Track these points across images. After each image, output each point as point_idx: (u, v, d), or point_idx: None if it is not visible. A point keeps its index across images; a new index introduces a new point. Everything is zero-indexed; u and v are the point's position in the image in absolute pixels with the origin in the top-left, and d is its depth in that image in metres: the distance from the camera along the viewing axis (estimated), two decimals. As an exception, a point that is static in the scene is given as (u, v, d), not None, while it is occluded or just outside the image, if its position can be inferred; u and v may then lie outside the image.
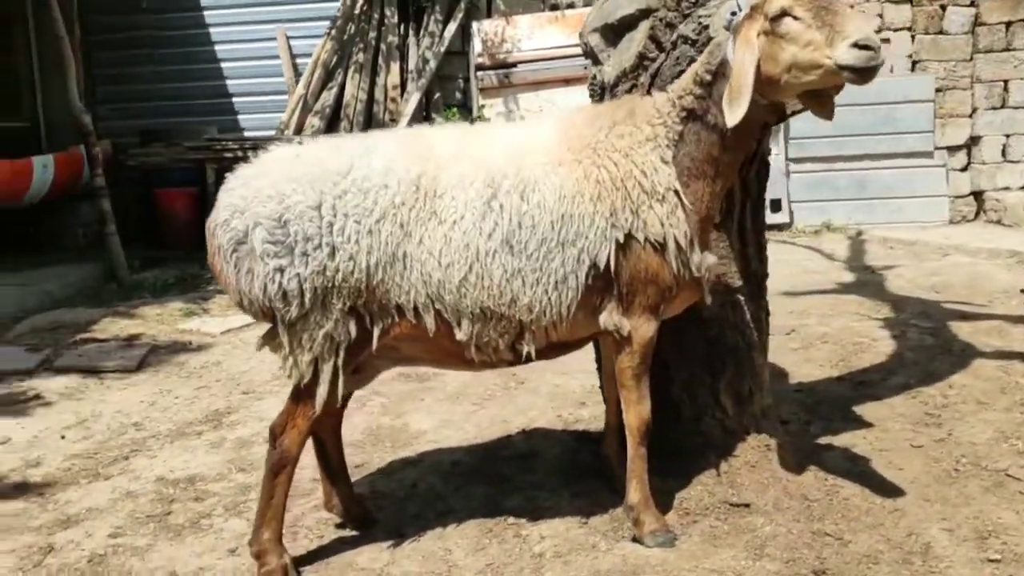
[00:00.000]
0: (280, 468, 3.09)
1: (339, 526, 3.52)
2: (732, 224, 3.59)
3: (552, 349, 3.17)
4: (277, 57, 11.82)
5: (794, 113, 3.34)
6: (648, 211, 2.99)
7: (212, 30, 12.39)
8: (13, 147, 10.23)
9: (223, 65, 12.35)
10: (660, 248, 3.01)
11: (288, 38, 11.86)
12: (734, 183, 3.50)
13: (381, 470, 4.07)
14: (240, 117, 12.32)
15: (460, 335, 2.99)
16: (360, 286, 2.90)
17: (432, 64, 10.82)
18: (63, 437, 4.73)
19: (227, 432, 4.69)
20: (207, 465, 4.24)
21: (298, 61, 11.80)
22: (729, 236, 3.59)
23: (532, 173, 2.96)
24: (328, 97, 10.89)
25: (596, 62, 3.67)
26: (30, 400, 5.34)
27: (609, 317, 3.06)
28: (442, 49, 10.88)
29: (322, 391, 2.98)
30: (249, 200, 2.89)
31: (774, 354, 5.40)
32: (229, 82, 12.37)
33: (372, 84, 10.80)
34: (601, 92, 3.65)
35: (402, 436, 4.51)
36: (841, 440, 4.03)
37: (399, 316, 2.98)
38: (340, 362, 2.98)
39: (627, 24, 3.49)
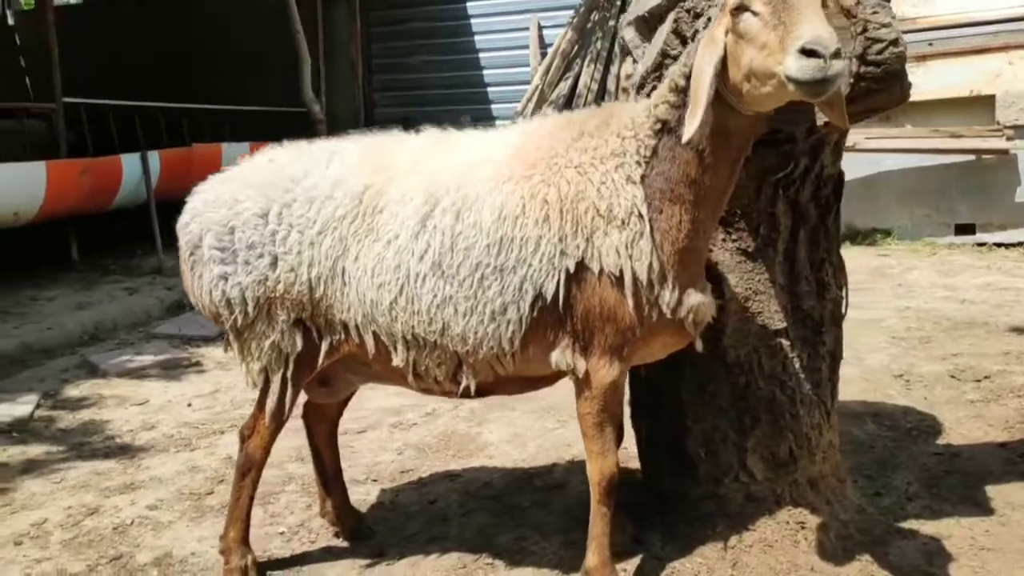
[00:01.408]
0: (246, 471, 3.11)
1: (336, 534, 3.48)
2: (774, 255, 3.00)
3: (509, 383, 2.86)
4: (527, 47, 11.98)
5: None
6: (603, 238, 2.57)
7: (473, 20, 12.86)
8: (298, 131, 11.40)
9: (480, 55, 12.78)
10: (619, 282, 2.58)
11: (540, 27, 11.97)
12: (777, 207, 2.92)
13: (419, 480, 3.98)
14: (493, 106, 12.69)
15: (396, 360, 2.79)
16: (303, 299, 2.81)
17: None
18: (189, 405, 5.17)
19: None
20: (276, 450, 4.39)
21: (546, 51, 11.88)
22: (769, 269, 3.00)
23: (475, 190, 2.67)
24: (564, 87, 10.84)
25: (635, 60, 3.23)
26: (189, 367, 5.91)
27: (562, 355, 2.69)
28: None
29: (271, 402, 2.94)
30: (207, 204, 2.91)
31: (944, 404, 4.55)
32: (485, 72, 12.79)
33: (605, 74, 10.56)
34: (637, 95, 3.21)
35: (467, 446, 4.37)
36: (936, 528, 3.25)
37: (345, 334, 2.85)
38: (289, 374, 2.91)
39: (658, 16, 3.02)
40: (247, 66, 13.24)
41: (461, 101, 12.80)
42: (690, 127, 2.34)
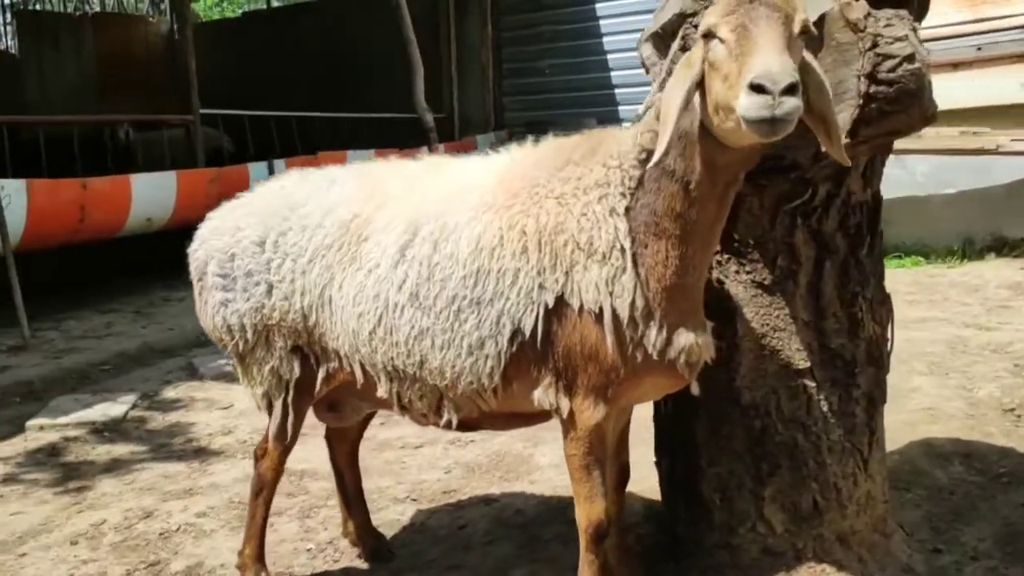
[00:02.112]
0: (259, 491, 3.17)
1: (359, 555, 3.49)
2: (795, 289, 2.75)
3: (497, 419, 2.76)
4: (655, 47, 11.69)
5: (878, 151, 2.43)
6: (583, 272, 2.43)
7: (602, 22, 12.71)
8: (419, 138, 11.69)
9: (608, 56, 12.61)
10: (599, 319, 2.43)
11: (668, 27, 11.66)
12: (796, 237, 2.69)
13: (457, 502, 3.94)
14: (619, 108, 12.49)
15: (380, 391, 2.75)
16: (297, 327, 2.83)
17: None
18: (269, 412, 5.34)
19: (383, 432, 4.88)
20: (324, 462, 4.47)
21: (672, 51, 11.56)
22: (790, 303, 2.75)
23: (455, 219, 2.59)
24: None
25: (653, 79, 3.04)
26: (279, 372, 6.11)
27: (545, 394, 2.56)
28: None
29: (273, 426, 2.98)
30: (213, 232, 2.98)
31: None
32: (612, 73, 12.61)
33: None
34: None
35: (516, 469, 4.29)
36: (993, 597, 2.89)
37: (339, 362, 2.84)
38: (290, 399, 2.94)
39: (671, 32, 2.83)
40: (379, 74, 13.65)
41: (588, 104, 12.69)
42: (656, 153, 2.18)
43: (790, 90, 1.86)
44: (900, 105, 2.33)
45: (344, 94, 13.16)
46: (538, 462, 4.34)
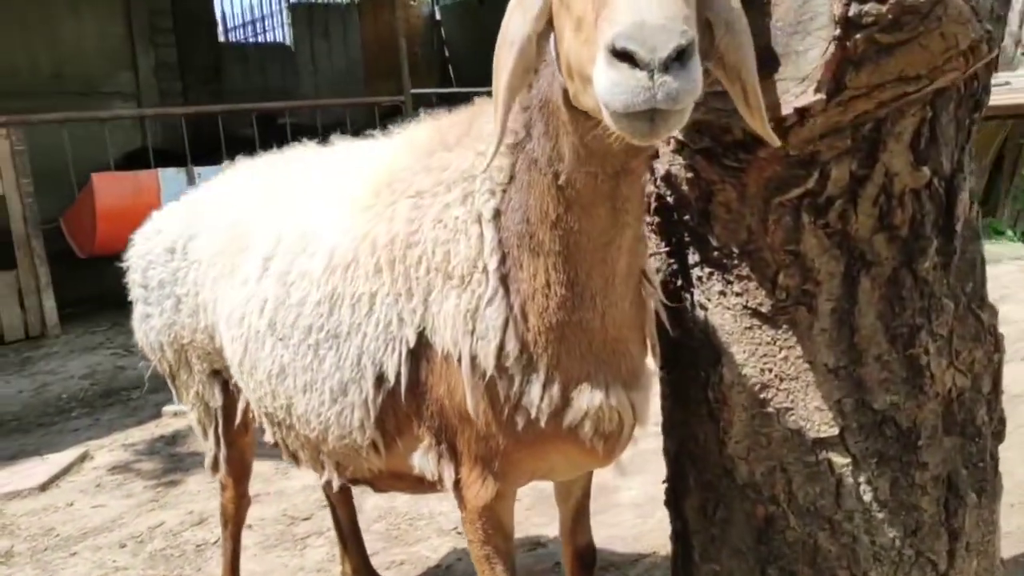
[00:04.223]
0: (224, 523, 2.86)
1: (361, 597, 3.06)
2: (810, 319, 1.84)
3: (402, 481, 2.14)
4: None
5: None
6: (441, 302, 1.75)
7: None
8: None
9: None
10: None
11: None
12: (804, 243, 1.81)
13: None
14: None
15: (267, 435, 2.26)
16: (207, 348, 2.41)
17: None
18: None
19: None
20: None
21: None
22: (803, 341, 1.85)
23: (314, 224, 2.01)
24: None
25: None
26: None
27: (424, 459, 1.92)
28: None
29: (208, 456, 2.62)
30: (141, 235, 2.63)
31: None
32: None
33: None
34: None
35: (594, 503, 3.59)
36: None
37: None
38: (220, 430, 2.55)
39: None
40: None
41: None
42: (493, 133, 1.47)
43: (681, 55, 1.09)
44: (903, 31, 1.38)
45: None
46: (622, 498, 3.63)
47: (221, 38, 15.36)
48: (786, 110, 1.53)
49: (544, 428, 1.71)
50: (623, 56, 1.11)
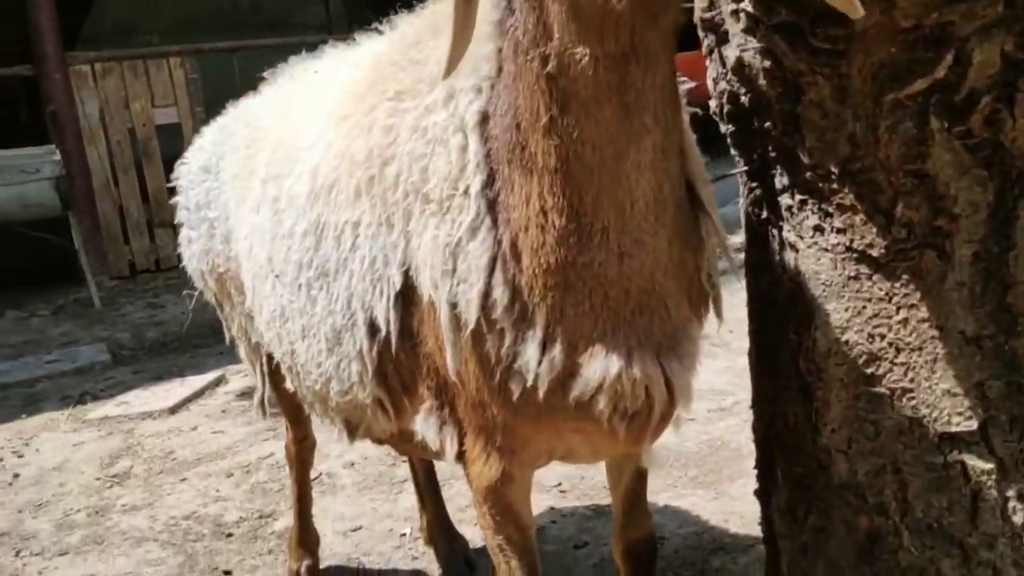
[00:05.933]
0: (289, 466, 2.71)
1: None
2: (945, 269, 1.31)
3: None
4: None
5: None
6: (421, 233, 1.37)
7: None
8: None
9: None
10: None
11: None
12: (932, 160, 1.28)
13: (601, 507, 3.00)
14: None
15: (288, 383, 1.98)
16: (240, 278, 2.16)
17: None
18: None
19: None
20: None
21: None
22: (929, 298, 1.33)
23: (305, 138, 1.67)
24: None
25: None
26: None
27: (425, 424, 1.57)
28: None
29: (256, 394, 2.42)
30: (191, 149, 2.40)
31: None
32: None
33: None
34: None
35: (723, 469, 3.19)
36: None
37: None
38: (265, 367, 2.32)
39: None
40: None
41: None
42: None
43: None
44: None
45: None
46: (750, 467, 3.13)
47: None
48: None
49: (547, 400, 1.31)
50: None
